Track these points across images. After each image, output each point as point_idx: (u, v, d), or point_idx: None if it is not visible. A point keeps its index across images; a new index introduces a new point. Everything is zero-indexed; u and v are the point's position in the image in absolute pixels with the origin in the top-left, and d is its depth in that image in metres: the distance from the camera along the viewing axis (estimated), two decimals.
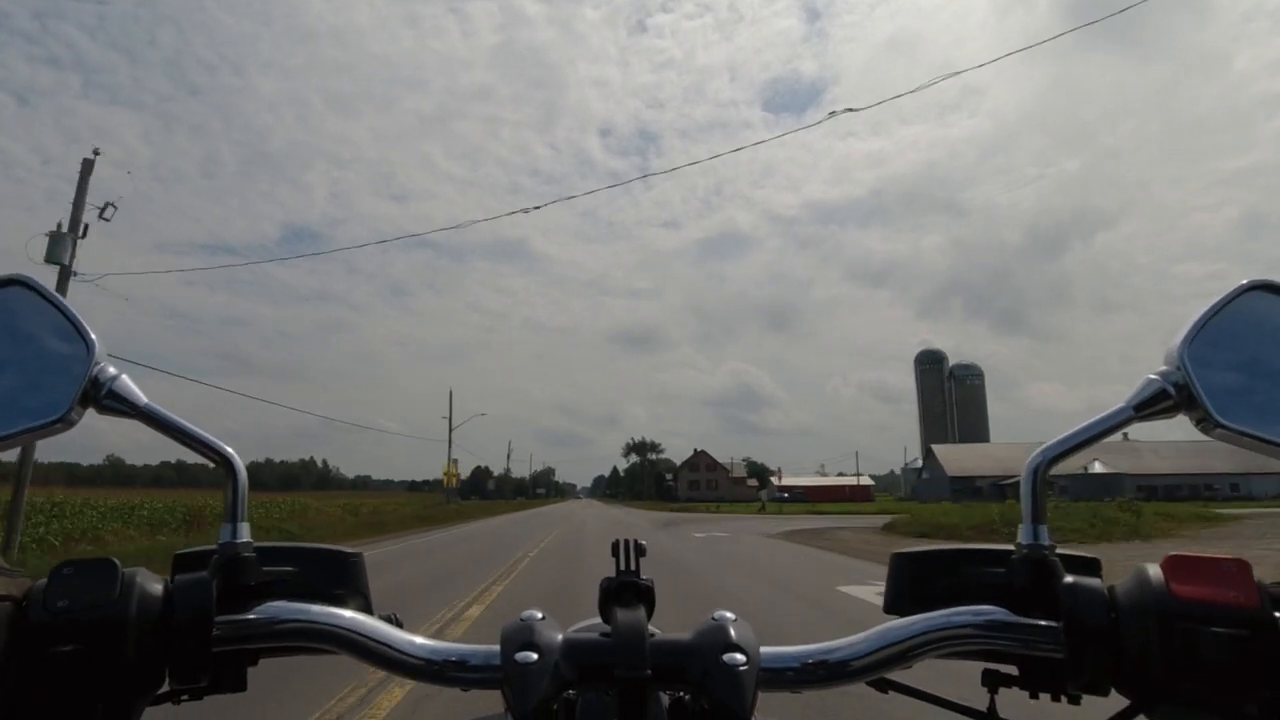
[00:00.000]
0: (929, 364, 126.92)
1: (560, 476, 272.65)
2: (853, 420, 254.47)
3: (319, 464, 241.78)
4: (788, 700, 0.54)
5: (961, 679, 0.53)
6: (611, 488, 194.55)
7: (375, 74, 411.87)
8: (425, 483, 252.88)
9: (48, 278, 11.46)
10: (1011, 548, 0.49)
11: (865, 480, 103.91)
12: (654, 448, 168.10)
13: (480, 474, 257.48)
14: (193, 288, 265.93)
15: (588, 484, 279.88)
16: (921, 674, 0.46)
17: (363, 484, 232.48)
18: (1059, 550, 0.48)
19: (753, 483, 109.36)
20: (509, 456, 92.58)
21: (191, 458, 0.48)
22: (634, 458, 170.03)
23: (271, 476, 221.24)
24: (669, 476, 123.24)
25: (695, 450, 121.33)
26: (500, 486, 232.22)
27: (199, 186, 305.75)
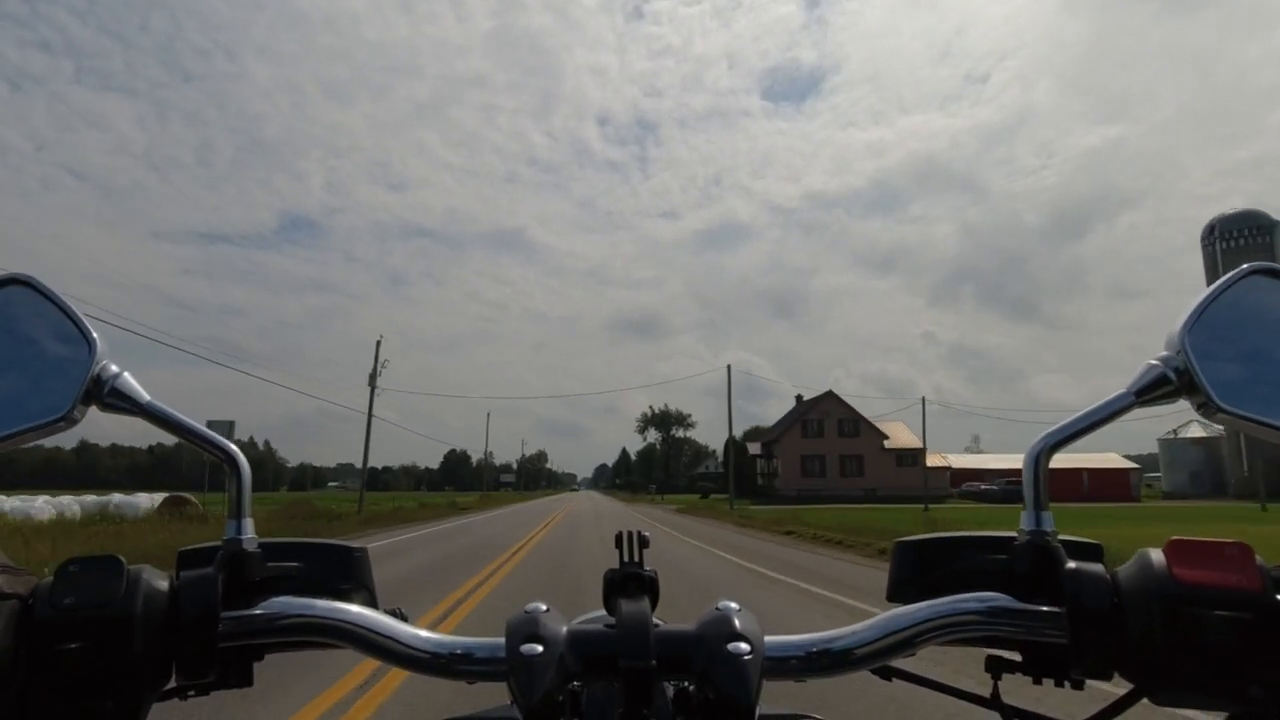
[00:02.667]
0: (1243, 235, 56.35)
1: (559, 465, 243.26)
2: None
3: (259, 446, 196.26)
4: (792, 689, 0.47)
5: (965, 666, 0.52)
6: (623, 475, 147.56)
7: (370, 60, 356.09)
8: (386, 469, 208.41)
9: None
10: (1014, 534, 0.49)
11: (1121, 461, 56.04)
12: (682, 420, 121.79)
13: (456, 458, 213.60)
14: (190, 276, 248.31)
15: (589, 474, 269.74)
16: (925, 661, 0.43)
17: (298, 474, 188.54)
18: (1061, 536, 0.48)
19: (939, 460, 57.39)
20: (368, 387, 44.49)
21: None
22: (653, 434, 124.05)
23: (195, 460, 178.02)
24: (758, 451, 68.28)
25: (799, 398, 66.92)
26: (479, 473, 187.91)
27: (196, 174, 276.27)
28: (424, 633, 0.47)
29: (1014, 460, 53.68)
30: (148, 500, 28.35)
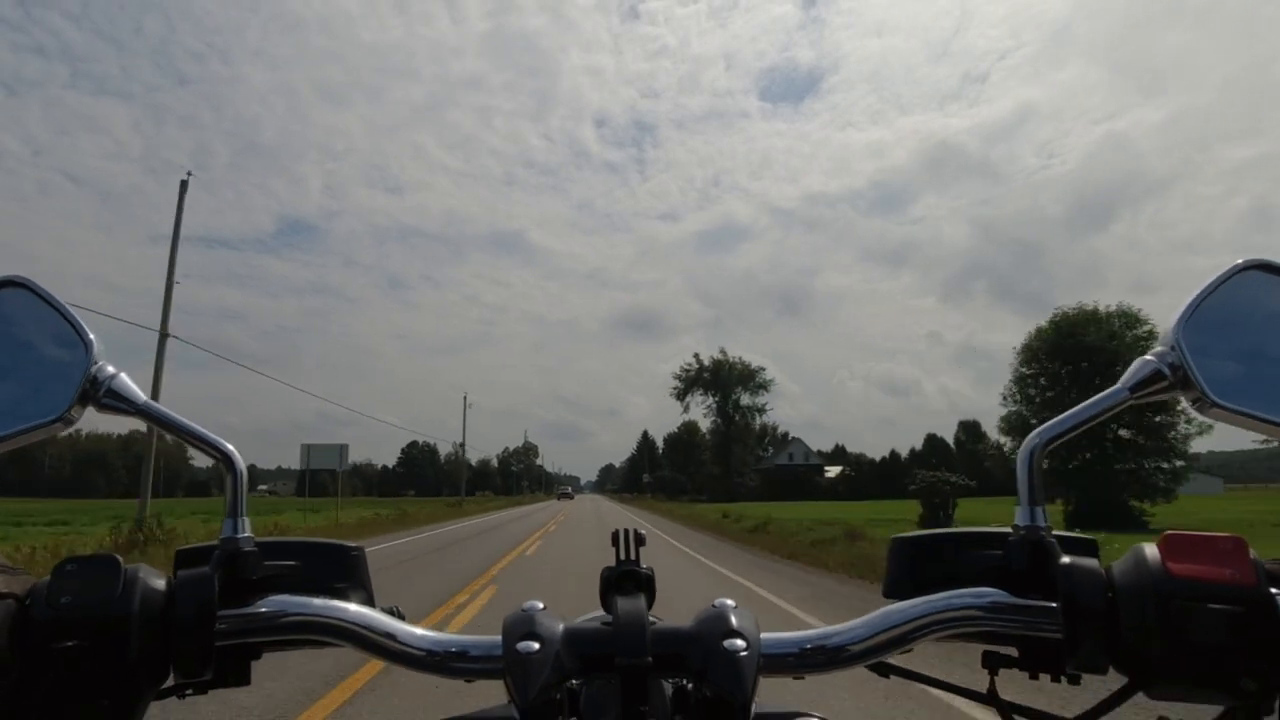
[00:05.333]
0: None
1: (562, 468, 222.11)
2: (857, 414, 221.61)
3: (168, 438, 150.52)
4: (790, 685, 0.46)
5: (961, 661, 0.54)
6: (650, 469, 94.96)
7: (365, 63, 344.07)
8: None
9: None
10: (1009, 530, 0.49)
11: None
12: (749, 376, 75.25)
13: (419, 454, 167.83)
14: (188, 280, 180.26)
15: (593, 476, 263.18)
16: (921, 657, 0.45)
17: (208, 475, 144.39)
18: (1056, 532, 0.48)
19: None
20: None
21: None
22: (701, 402, 77.60)
23: (62, 456, 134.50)
24: None
25: None
26: (456, 471, 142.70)
27: (193, 178, 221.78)
28: (420, 630, 0.47)
29: None
30: None
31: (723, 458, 70.20)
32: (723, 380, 69.14)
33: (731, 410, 70.24)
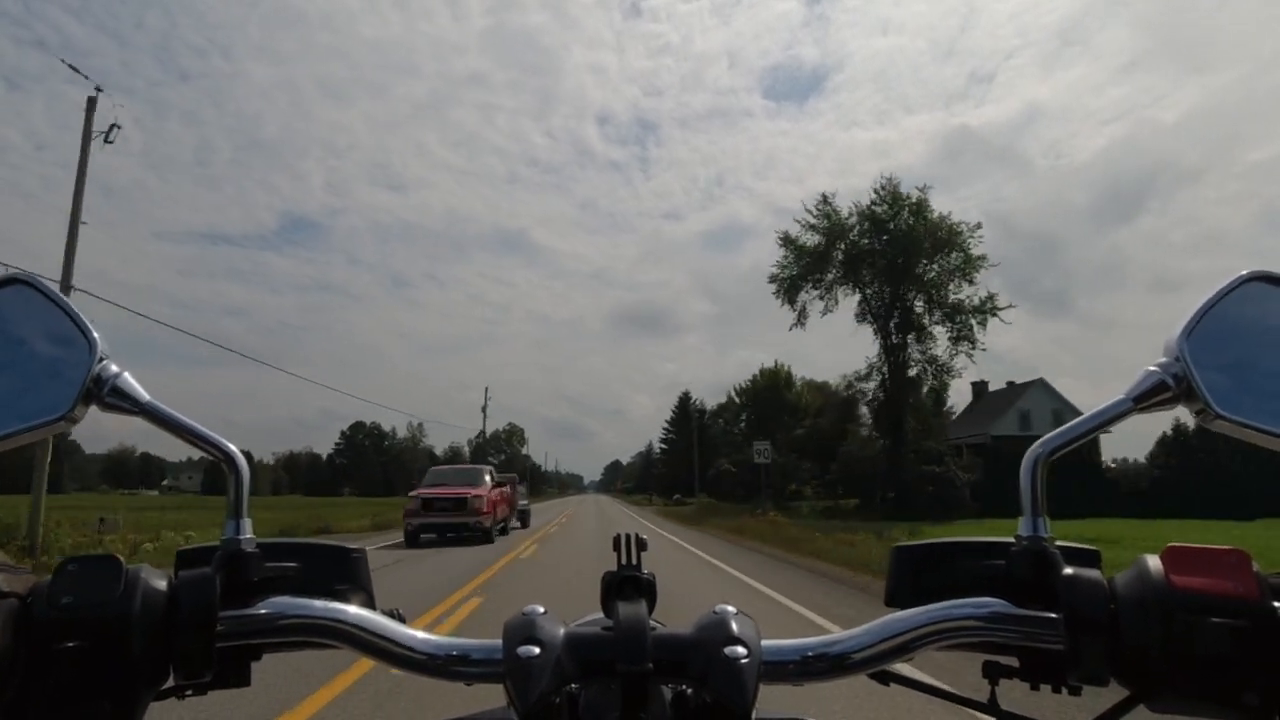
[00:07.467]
0: None
1: (560, 462, 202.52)
2: None
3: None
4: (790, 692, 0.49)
5: (962, 671, 0.61)
6: (701, 451, 50.27)
7: (366, 59, 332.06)
8: (245, 458, 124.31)
9: None
10: (1011, 540, 0.49)
11: None
12: (949, 244, 35.92)
13: (366, 438, 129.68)
14: (190, 276, 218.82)
15: (598, 475, 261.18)
16: (922, 666, 0.46)
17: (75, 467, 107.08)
18: (1059, 542, 0.47)
19: None
20: None
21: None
22: (829, 302, 36.48)
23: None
24: None
25: None
26: (398, 464, 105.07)
27: (194, 175, 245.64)
28: (421, 634, 0.47)
29: None
30: None
31: (892, 423, 31.91)
32: (895, 250, 29.75)
33: (915, 316, 30.51)
